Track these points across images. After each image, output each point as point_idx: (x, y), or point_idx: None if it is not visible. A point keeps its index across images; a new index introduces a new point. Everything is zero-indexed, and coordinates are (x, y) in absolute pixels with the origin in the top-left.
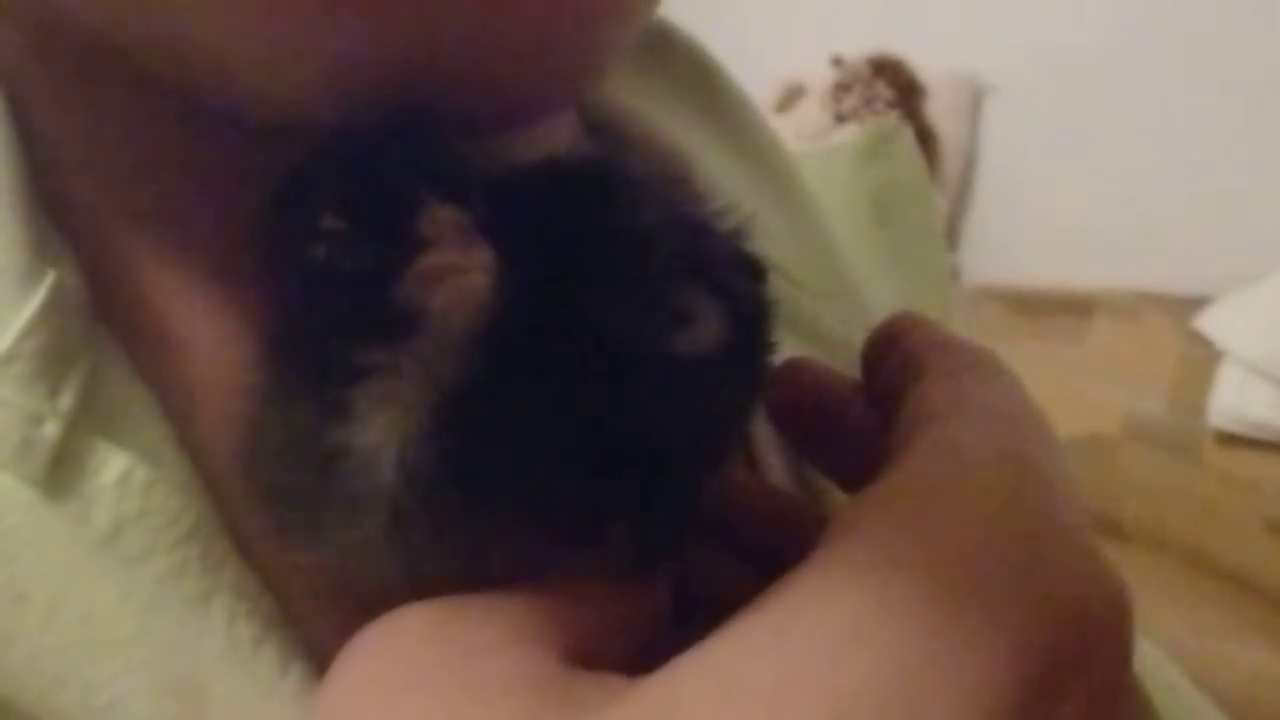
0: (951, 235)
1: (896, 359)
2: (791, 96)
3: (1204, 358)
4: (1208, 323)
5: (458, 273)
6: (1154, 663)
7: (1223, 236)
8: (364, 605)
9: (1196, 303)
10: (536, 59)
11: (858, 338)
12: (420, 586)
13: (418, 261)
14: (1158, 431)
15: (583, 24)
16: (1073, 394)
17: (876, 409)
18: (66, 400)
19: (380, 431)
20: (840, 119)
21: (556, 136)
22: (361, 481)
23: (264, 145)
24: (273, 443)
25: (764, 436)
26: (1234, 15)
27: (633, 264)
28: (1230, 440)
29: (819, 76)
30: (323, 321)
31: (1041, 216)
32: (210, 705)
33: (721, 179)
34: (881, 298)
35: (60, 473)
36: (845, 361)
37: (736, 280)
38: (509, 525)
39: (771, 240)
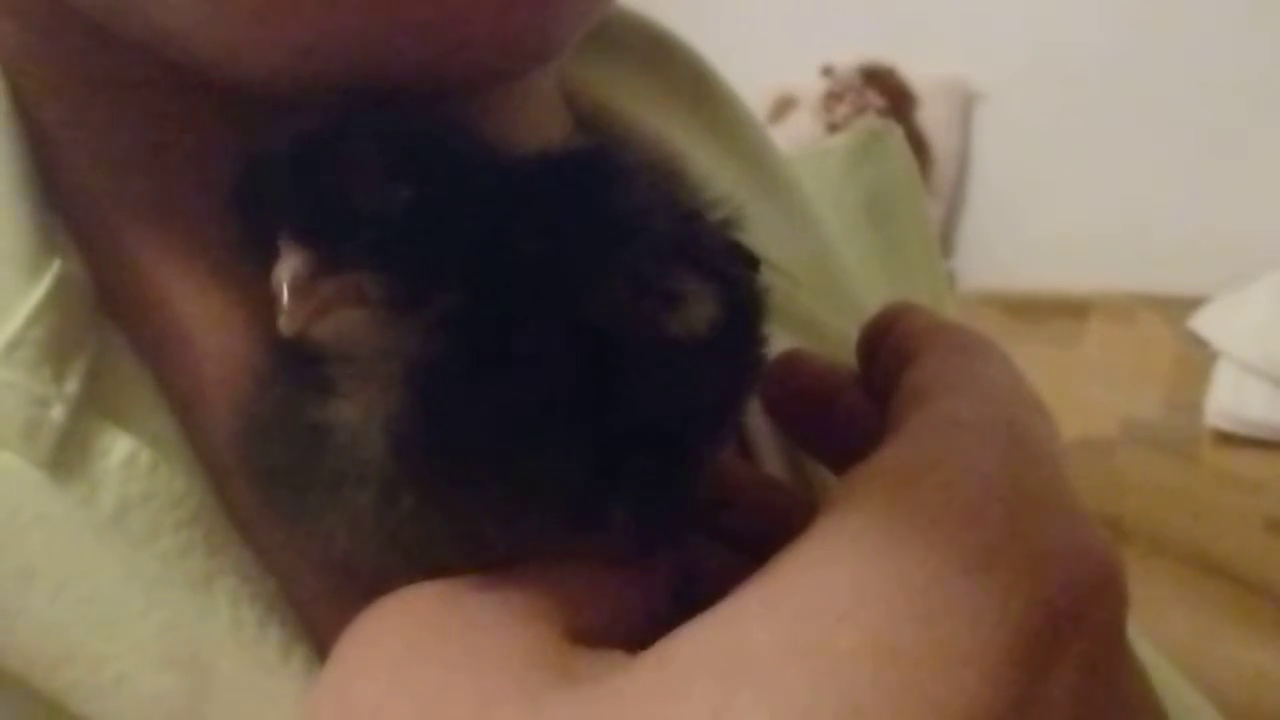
0: (945, 242)
1: (890, 344)
2: (783, 107)
3: (1200, 358)
4: (1203, 323)
5: (317, 313)
6: (1149, 662)
7: (1215, 237)
8: (366, 588)
9: (1191, 304)
10: (489, 17)
11: (852, 332)
12: (414, 564)
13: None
14: (1155, 433)
15: None
16: (1070, 397)
17: (872, 396)
18: (72, 385)
19: (363, 409)
20: (832, 128)
21: (551, 133)
22: (347, 459)
23: (265, 137)
24: (262, 421)
25: (758, 425)
26: (1225, 18)
27: (625, 247)
28: (1228, 440)
29: (810, 87)
30: None
31: (1034, 221)
32: (215, 683)
33: (715, 177)
34: (875, 294)
35: (66, 455)
36: (839, 355)
37: (728, 265)
38: (503, 506)
39: (766, 238)
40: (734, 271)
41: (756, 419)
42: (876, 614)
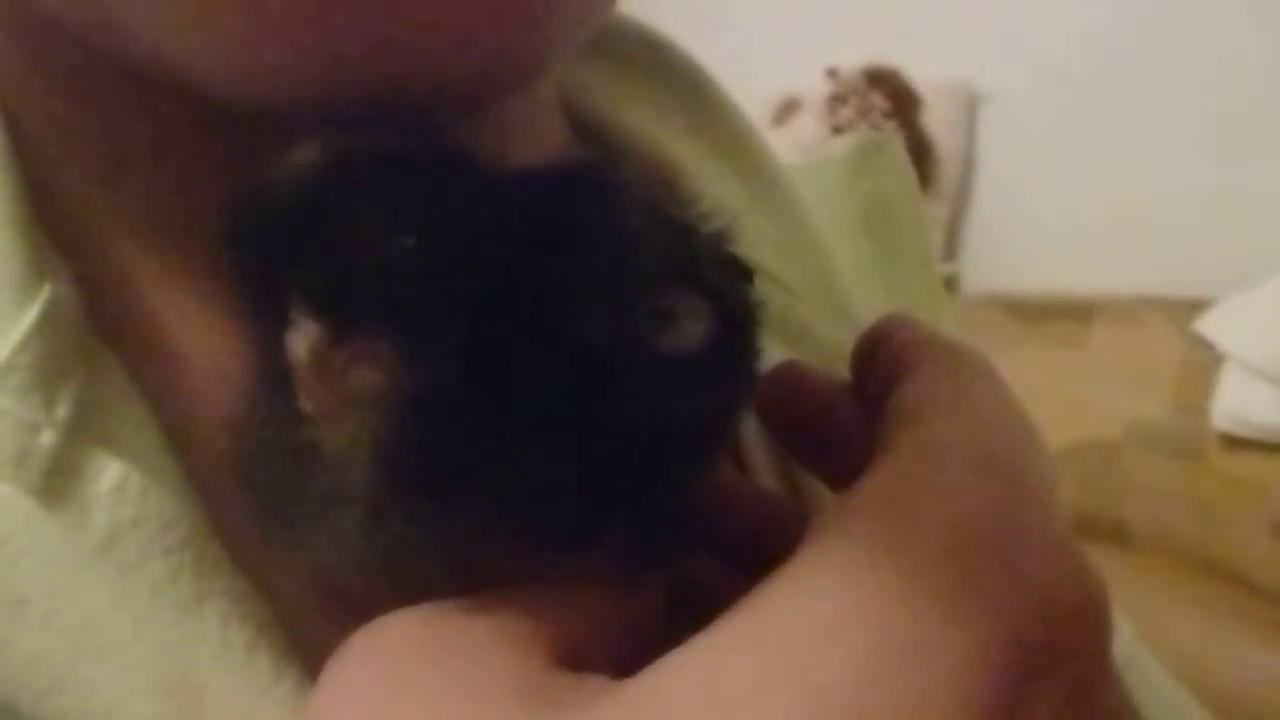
0: (951, 244)
1: (883, 357)
2: (787, 110)
3: (1205, 360)
4: (1208, 325)
5: (334, 386)
6: (1135, 659)
7: (1221, 239)
8: (353, 610)
9: (1197, 305)
10: (491, 36)
11: (848, 343)
12: (403, 586)
13: (296, 393)
14: (1161, 435)
15: None
16: (1075, 400)
17: (864, 407)
18: (62, 410)
19: (351, 428)
20: (837, 131)
21: (547, 143)
22: (334, 480)
23: (263, 156)
24: (251, 441)
25: (751, 438)
26: (1229, 20)
27: (616, 265)
28: (1233, 442)
29: (814, 89)
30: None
31: (1040, 223)
32: (206, 707)
33: (713, 188)
34: (872, 304)
35: (57, 481)
36: (834, 365)
37: (722, 280)
38: (493, 529)
39: (764, 248)
40: (728, 286)
41: (749, 430)
42: (856, 646)
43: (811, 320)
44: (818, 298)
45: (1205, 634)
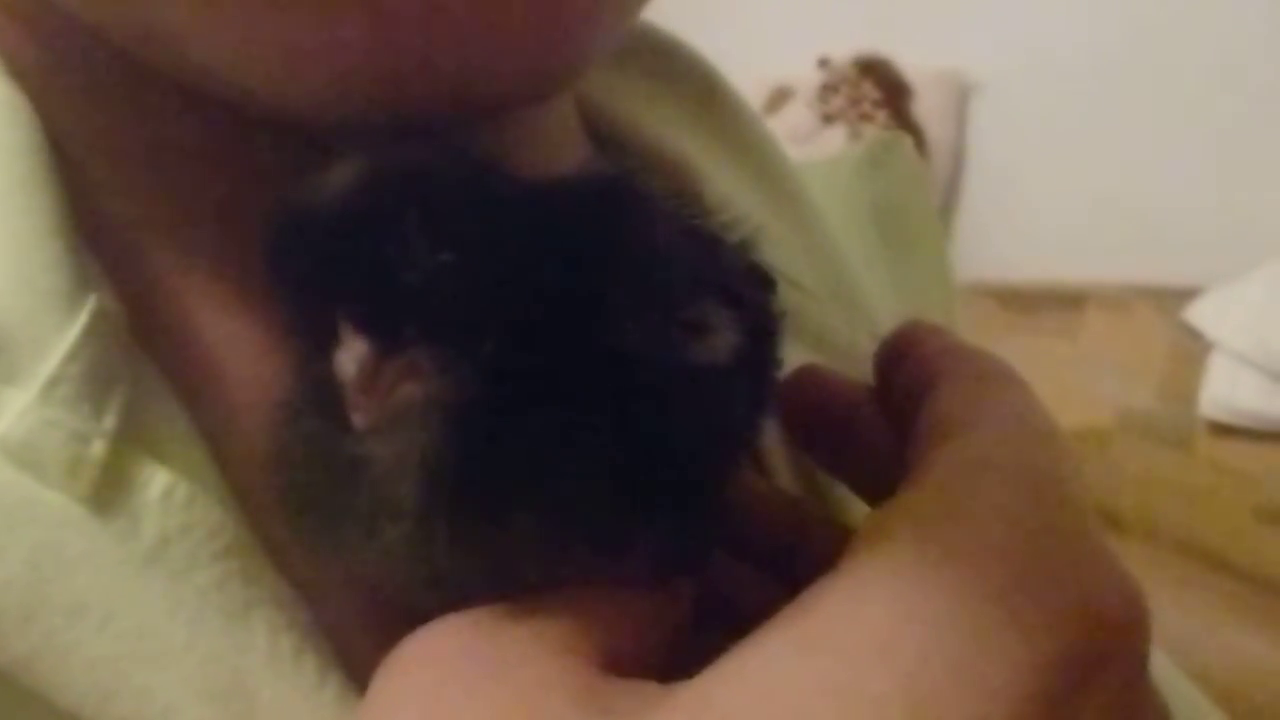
0: None
1: (910, 367)
2: (779, 99)
3: (1194, 349)
4: (1197, 315)
5: (383, 400)
6: (1158, 666)
7: (1211, 230)
8: (397, 616)
9: (1186, 295)
10: (518, 48)
11: (864, 344)
12: (448, 595)
13: (342, 408)
14: (1150, 423)
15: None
16: (1065, 388)
17: (887, 413)
18: (110, 420)
19: (399, 443)
20: (828, 120)
21: (566, 150)
22: (382, 492)
23: (303, 169)
24: (295, 453)
25: (770, 440)
26: (1220, 10)
27: (647, 278)
28: (1221, 430)
29: (806, 78)
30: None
31: (1031, 212)
32: (256, 711)
33: (729, 191)
34: (886, 305)
35: (108, 490)
36: (852, 367)
37: (747, 291)
38: (534, 534)
39: (778, 249)
40: (754, 296)
41: (768, 433)
42: (908, 655)
43: (824, 318)
44: (830, 295)
45: (1193, 621)
